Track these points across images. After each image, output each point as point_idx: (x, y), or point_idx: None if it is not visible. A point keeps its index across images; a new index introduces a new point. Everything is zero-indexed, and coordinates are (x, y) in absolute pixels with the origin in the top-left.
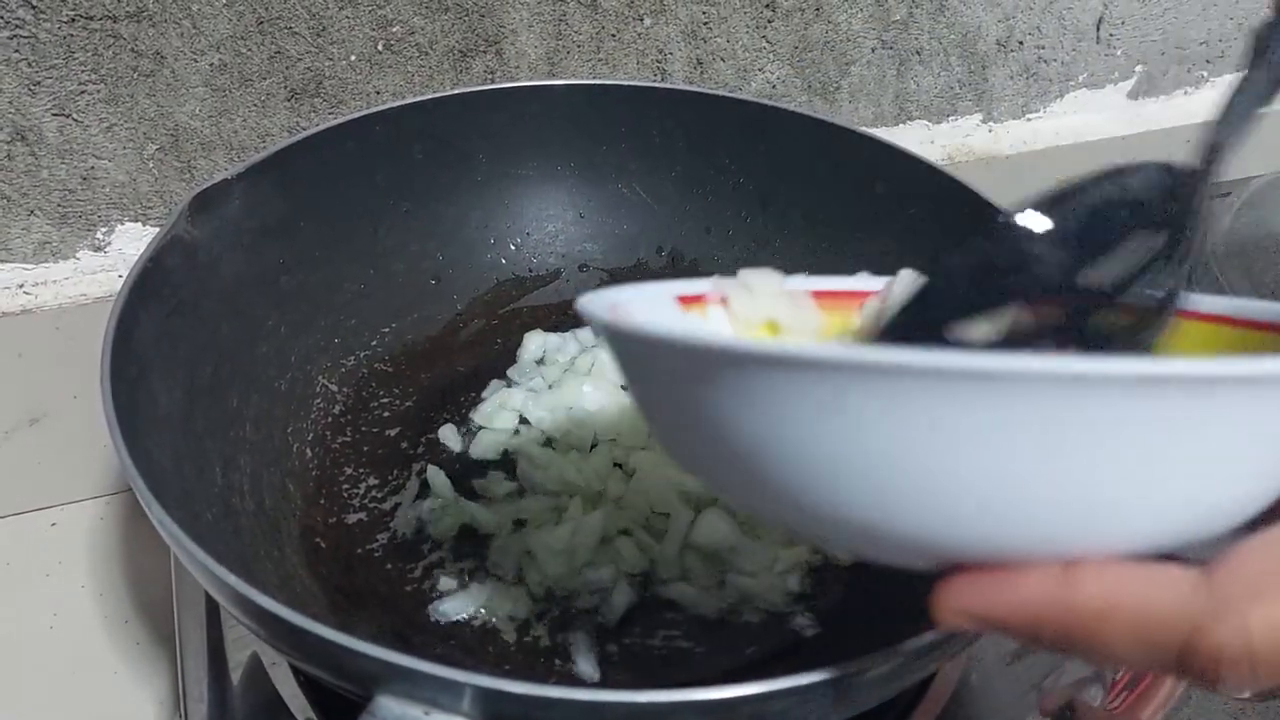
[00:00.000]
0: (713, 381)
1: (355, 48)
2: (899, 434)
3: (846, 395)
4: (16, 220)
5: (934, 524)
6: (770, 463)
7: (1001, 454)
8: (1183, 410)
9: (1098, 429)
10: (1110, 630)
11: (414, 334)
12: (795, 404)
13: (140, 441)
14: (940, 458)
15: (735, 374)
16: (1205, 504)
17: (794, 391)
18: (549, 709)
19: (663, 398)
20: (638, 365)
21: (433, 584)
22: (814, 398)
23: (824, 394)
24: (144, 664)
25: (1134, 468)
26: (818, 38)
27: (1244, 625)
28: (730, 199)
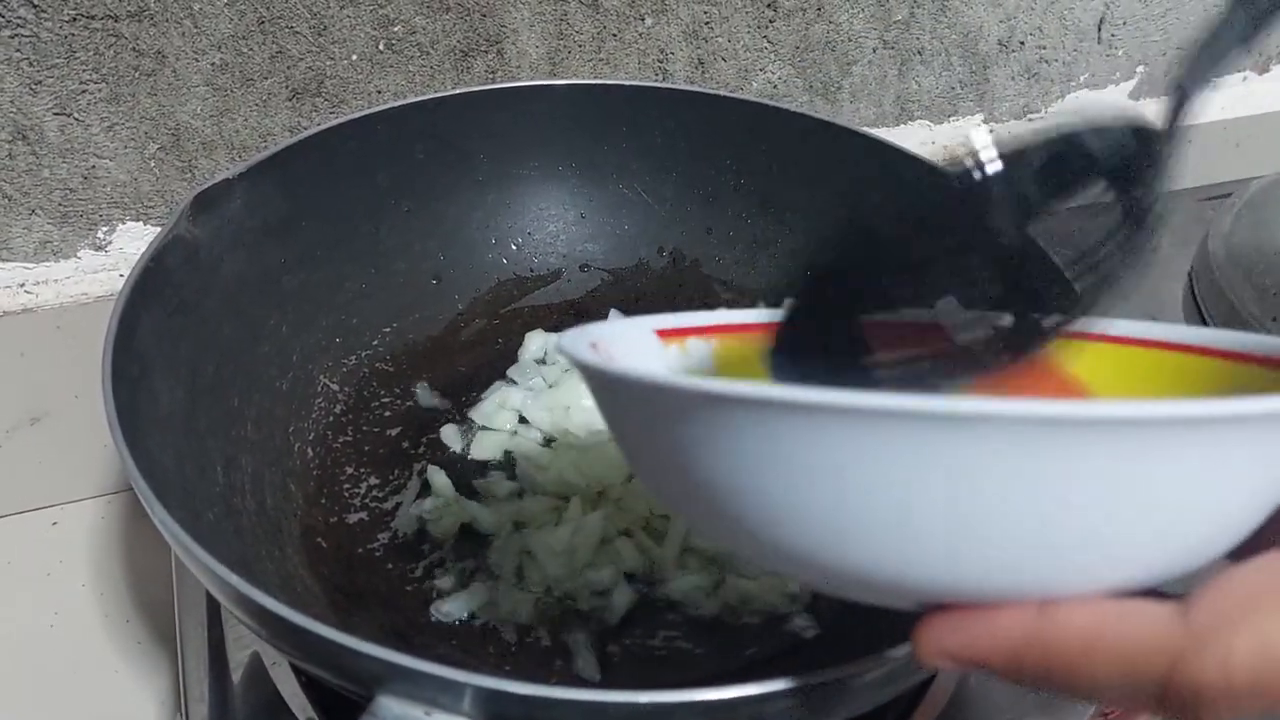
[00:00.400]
0: (682, 422)
1: (357, 47)
2: (859, 478)
3: (801, 434)
4: (18, 219)
5: (905, 566)
6: (743, 503)
7: (967, 497)
8: (1152, 451)
9: (1064, 471)
10: (1091, 665)
11: (415, 333)
12: (756, 445)
13: (141, 441)
14: (901, 499)
15: (700, 415)
16: (1177, 542)
17: (753, 432)
18: (550, 709)
19: (638, 436)
20: (614, 404)
21: (433, 584)
22: (772, 438)
23: (783, 434)
24: (145, 663)
25: (1104, 509)
26: (819, 38)
27: (1223, 656)
28: (731, 199)
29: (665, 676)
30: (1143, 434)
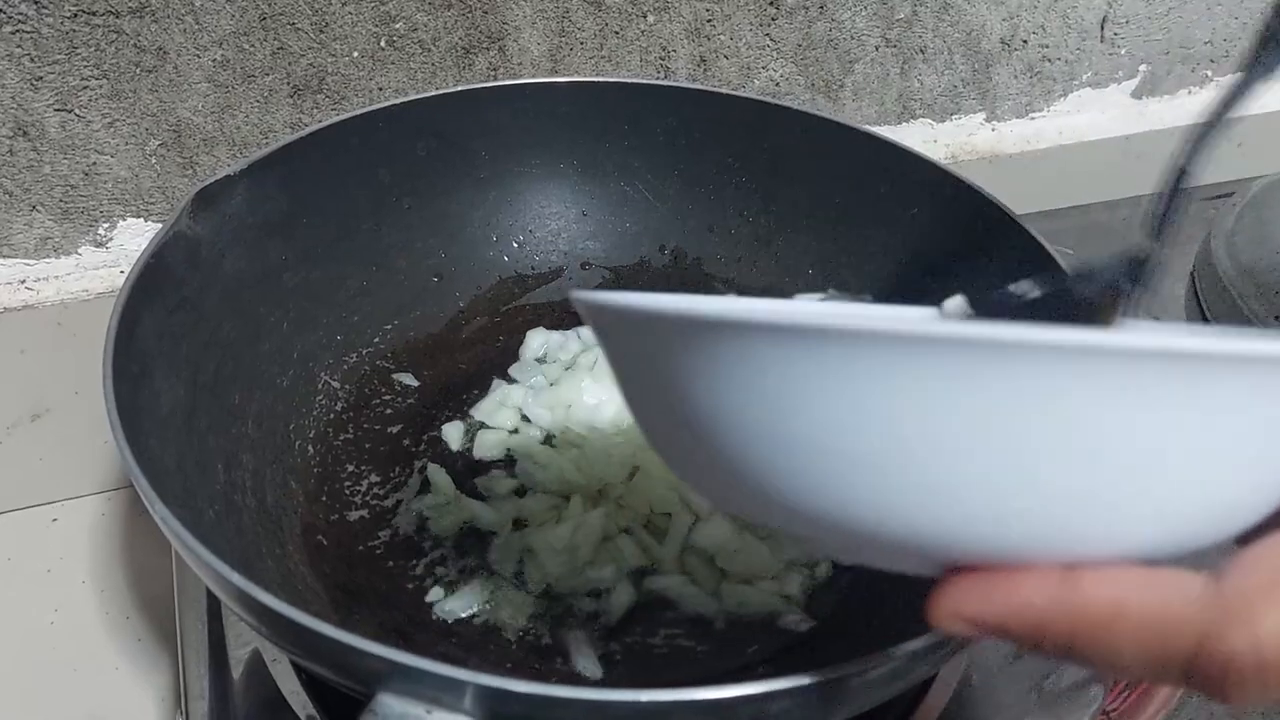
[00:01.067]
0: (687, 351)
1: (358, 44)
2: (889, 415)
3: (827, 367)
4: (19, 215)
5: (928, 520)
6: (750, 447)
7: (1002, 440)
8: (1193, 393)
9: (1101, 412)
10: (1116, 636)
11: (416, 331)
12: (777, 379)
13: (142, 438)
14: (934, 443)
15: (705, 344)
16: (1213, 502)
17: (774, 365)
18: (551, 708)
19: (649, 388)
20: (624, 352)
21: (434, 581)
22: (794, 371)
23: (806, 365)
24: (145, 660)
25: (1143, 459)
26: (821, 36)
27: (1255, 631)
28: (733, 197)
29: (666, 675)
30: (1190, 372)
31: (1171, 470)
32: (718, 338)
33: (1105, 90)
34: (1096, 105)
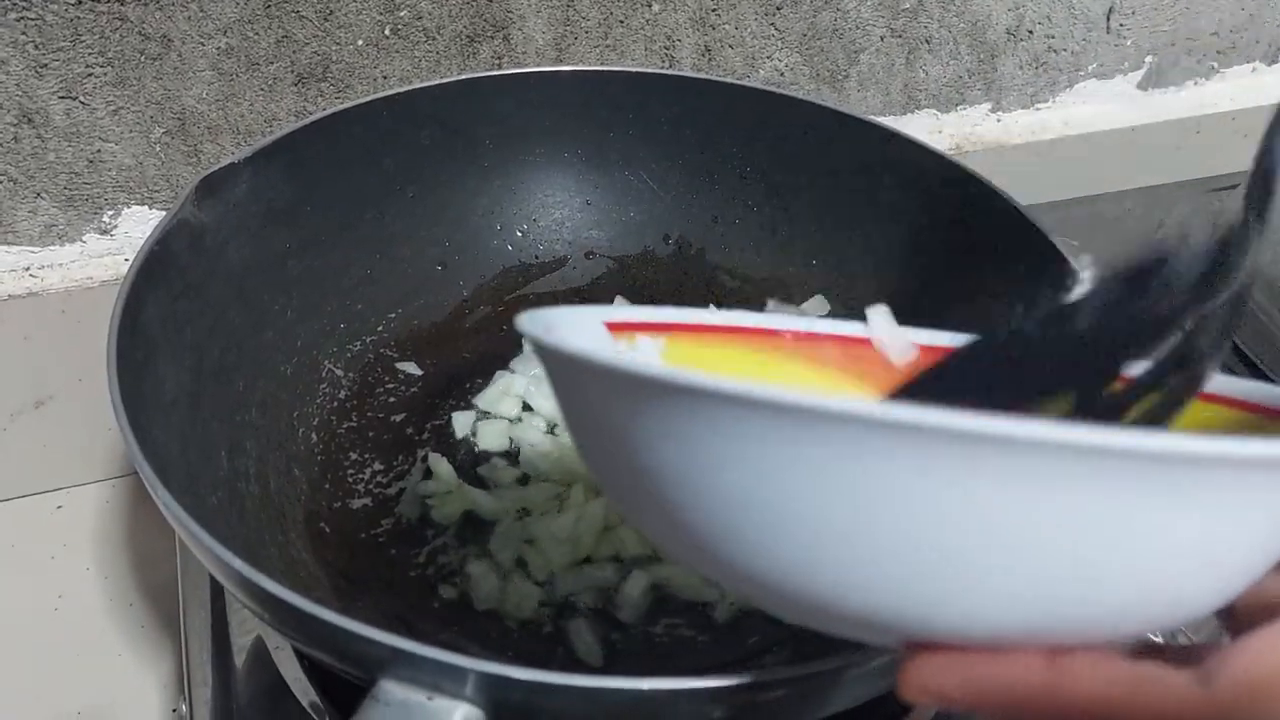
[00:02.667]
0: (627, 408)
1: (362, 32)
2: (847, 492)
3: (742, 433)
4: (23, 203)
5: (887, 593)
6: (694, 510)
7: (975, 527)
8: (1181, 489)
9: (1084, 502)
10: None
11: (420, 320)
12: (702, 440)
13: (146, 425)
14: (875, 528)
15: (645, 402)
16: (1191, 589)
17: (694, 426)
18: (552, 695)
19: (589, 423)
20: (567, 387)
21: (437, 569)
22: (719, 436)
23: (726, 432)
24: (148, 647)
25: (1135, 545)
26: (826, 25)
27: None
28: (737, 187)
29: (667, 664)
30: (1195, 469)
31: (1145, 561)
32: (649, 396)
33: (1111, 81)
34: (1102, 96)
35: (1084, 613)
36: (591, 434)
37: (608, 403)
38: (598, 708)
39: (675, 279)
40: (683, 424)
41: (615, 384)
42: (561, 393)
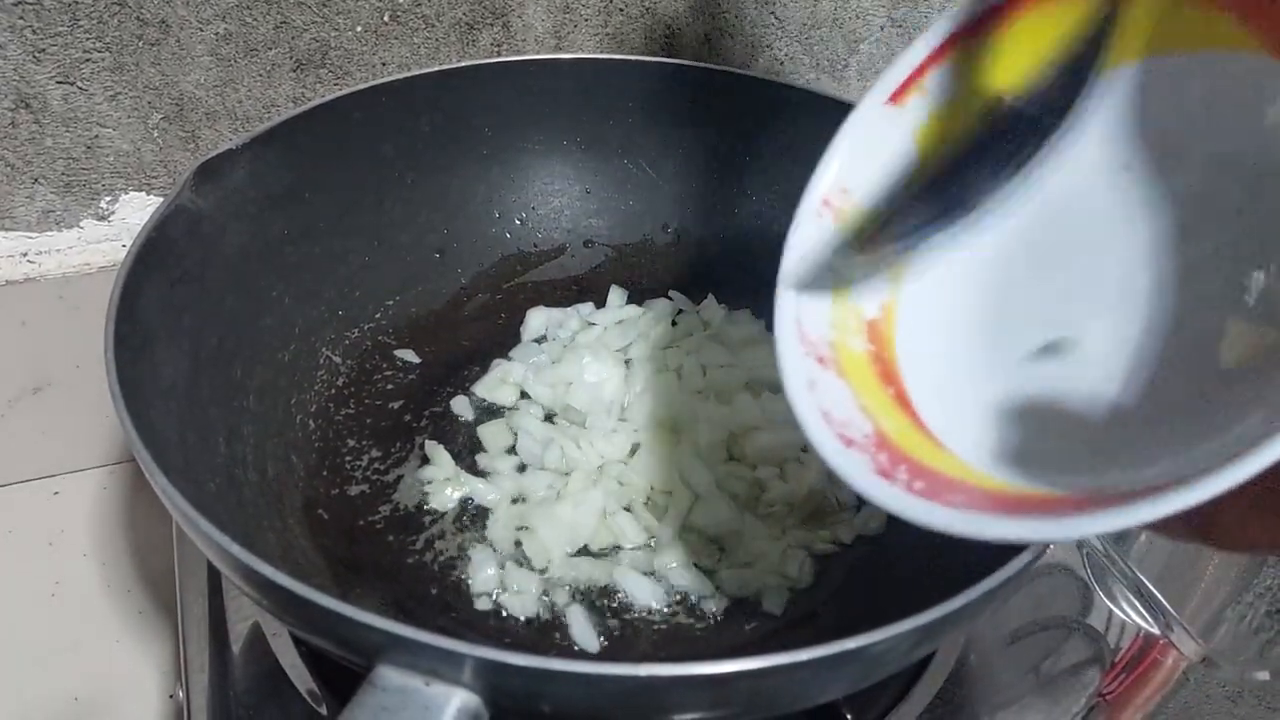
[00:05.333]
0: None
1: (361, 18)
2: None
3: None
4: (20, 188)
5: None
6: None
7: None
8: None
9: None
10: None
11: (418, 307)
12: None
13: (144, 411)
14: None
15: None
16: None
17: None
18: (549, 681)
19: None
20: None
21: (434, 556)
22: None
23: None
24: (146, 633)
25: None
26: (826, 14)
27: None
28: (737, 176)
29: (664, 651)
30: None
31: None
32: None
33: None
34: None
35: None
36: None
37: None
38: (594, 694)
39: (674, 267)
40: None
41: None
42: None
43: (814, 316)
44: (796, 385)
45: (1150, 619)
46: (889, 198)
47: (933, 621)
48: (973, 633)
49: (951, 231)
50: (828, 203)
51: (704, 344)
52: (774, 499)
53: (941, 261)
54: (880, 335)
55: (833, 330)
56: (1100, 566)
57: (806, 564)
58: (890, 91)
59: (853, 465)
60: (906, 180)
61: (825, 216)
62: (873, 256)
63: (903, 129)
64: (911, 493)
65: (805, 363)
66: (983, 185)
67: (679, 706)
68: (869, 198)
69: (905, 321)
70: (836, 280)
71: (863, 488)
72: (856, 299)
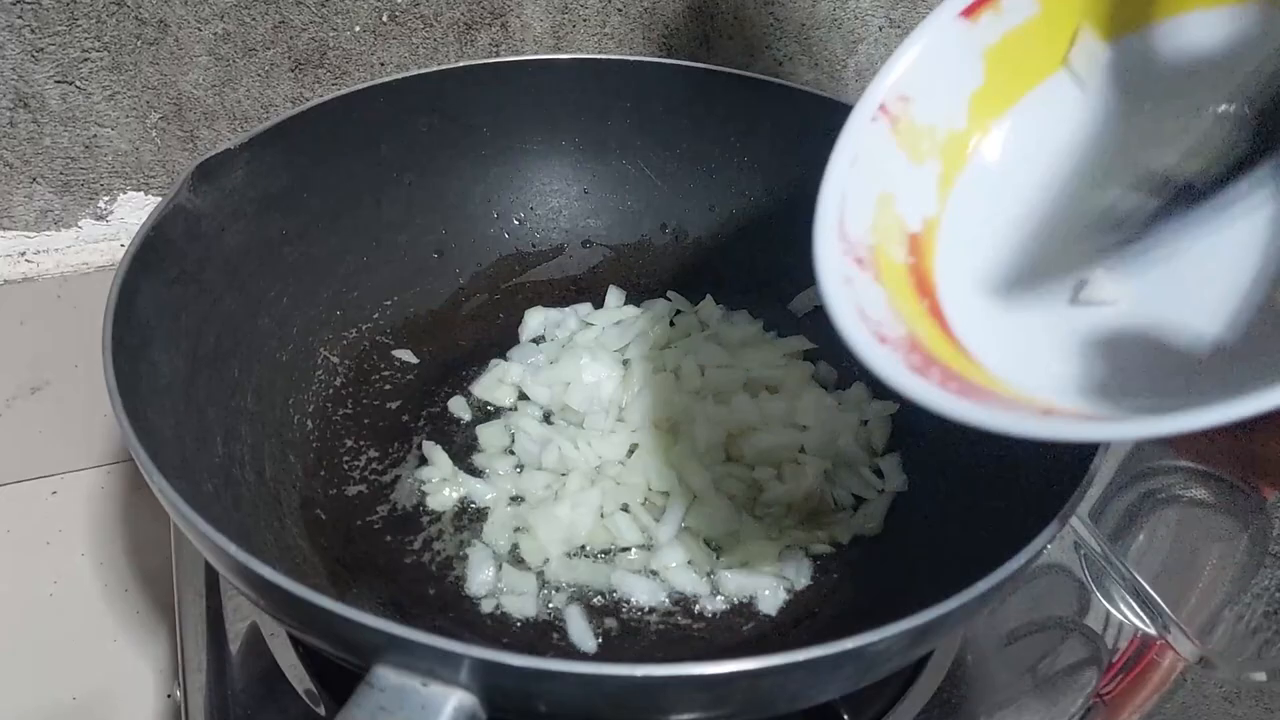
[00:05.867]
0: None
1: (360, 18)
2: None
3: None
4: (19, 188)
5: None
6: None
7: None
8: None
9: None
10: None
11: (416, 307)
12: None
13: (141, 411)
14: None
15: None
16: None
17: None
18: (546, 681)
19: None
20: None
21: (432, 556)
22: None
23: None
24: (143, 633)
25: None
26: (825, 15)
27: None
28: (735, 176)
29: (661, 651)
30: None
31: None
32: None
33: None
34: None
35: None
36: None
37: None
38: (592, 694)
39: (672, 268)
40: None
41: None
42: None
43: (856, 218)
44: (833, 280)
45: (1147, 620)
46: (949, 113)
47: (929, 622)
48: (970, 633)
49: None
50: (884, 108)
51: (702, 344)
52: (771, 500)
53: (994, 184)
54: (921, 249)
55: (874, 235)
56: (1098, 567)
57: (804, 564)
58: (965, 4)
59: (886, 359)
60: (970, 97)
61: (880, 121)
62: (922, 170)
63: (973, 45)
64: (945, 389)
65: (843, 260)
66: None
67: (676, 707)
68: (928, 110)
69: (948, 239)
70: (883, 188)
71: (896, 380)
72: (901, 209)
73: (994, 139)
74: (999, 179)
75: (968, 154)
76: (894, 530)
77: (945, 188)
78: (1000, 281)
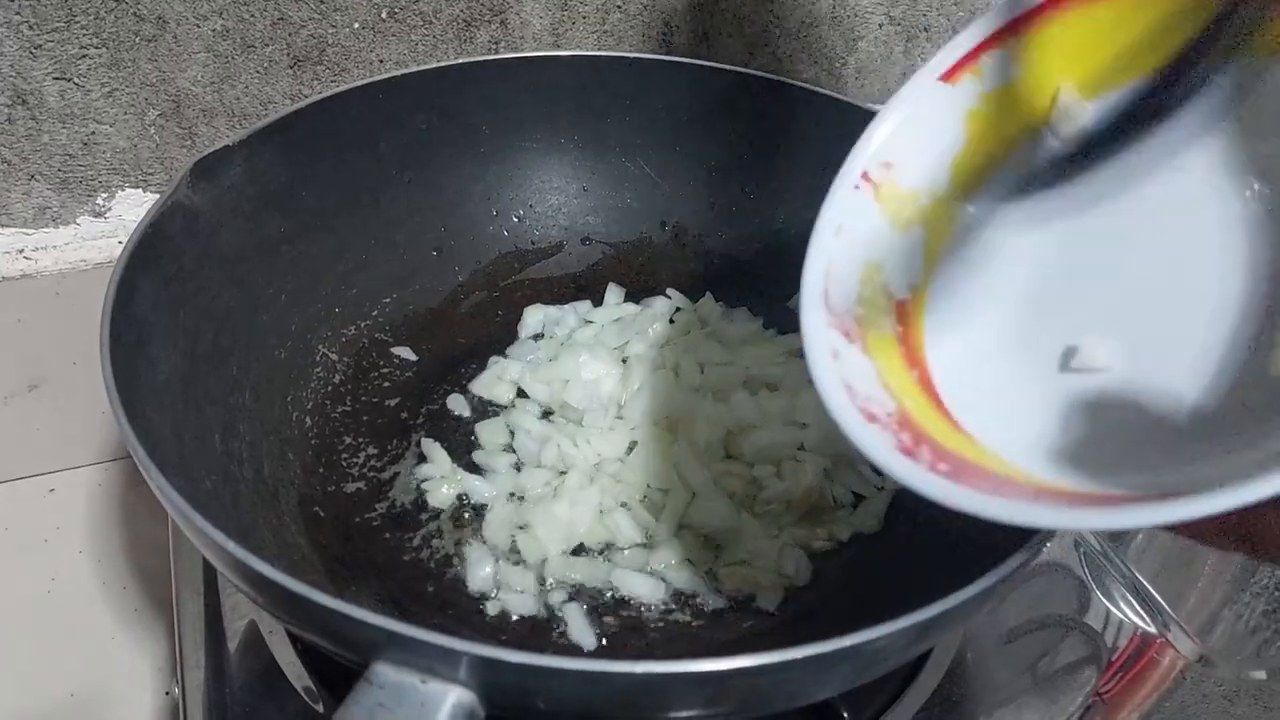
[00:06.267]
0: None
1: (359, 15)
2: None
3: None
4: (17, 185)
5: None
6: None
7: None
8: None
9: None
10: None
11: (415, 304)
12: None
13: (139, 408)
14: None
15: None
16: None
17: None
18: (545, 678)
19: None
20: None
21: (431, 554)
22: None
23: None
24: (142, 630)
25: None
26: (825, 13)
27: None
28: (734, 174)
29: (660, 648)
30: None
31: None
32: None
33: None
34: None
35: None
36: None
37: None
38: (591, 691)
39: (672, 265)
40: None
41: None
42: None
43: (843, 290)
44: (820, 354)
45: (1147, 618)
46: (931, 177)
47: (929, 619)
48: (969, 631)
49: (1003, 218)
50: (867, 176)
51: (701, 342)
52: (771, 497)
53: (980, 250)
54: (908, 318)
55: (860, 306)
56: (1098, 565)
57: (803, 562)
58: (944, 69)
59: (875, 440)
60: (951, 162)
61: (864, 189)
62: (907, 237)
63: (953, 108)
64: (935, 473)
65: (830, 333)
66: (1043, 178)
67: (675, 704)
68: (910, 175)
69: (936, 307)
70: (868, 257)
71: (885, 464)
72: (887, 278)
73: (977, 202)
74: (984, 244)
75: (952, 220)
76: (894, 528)
77: (930, 254)
78: (988, 349)
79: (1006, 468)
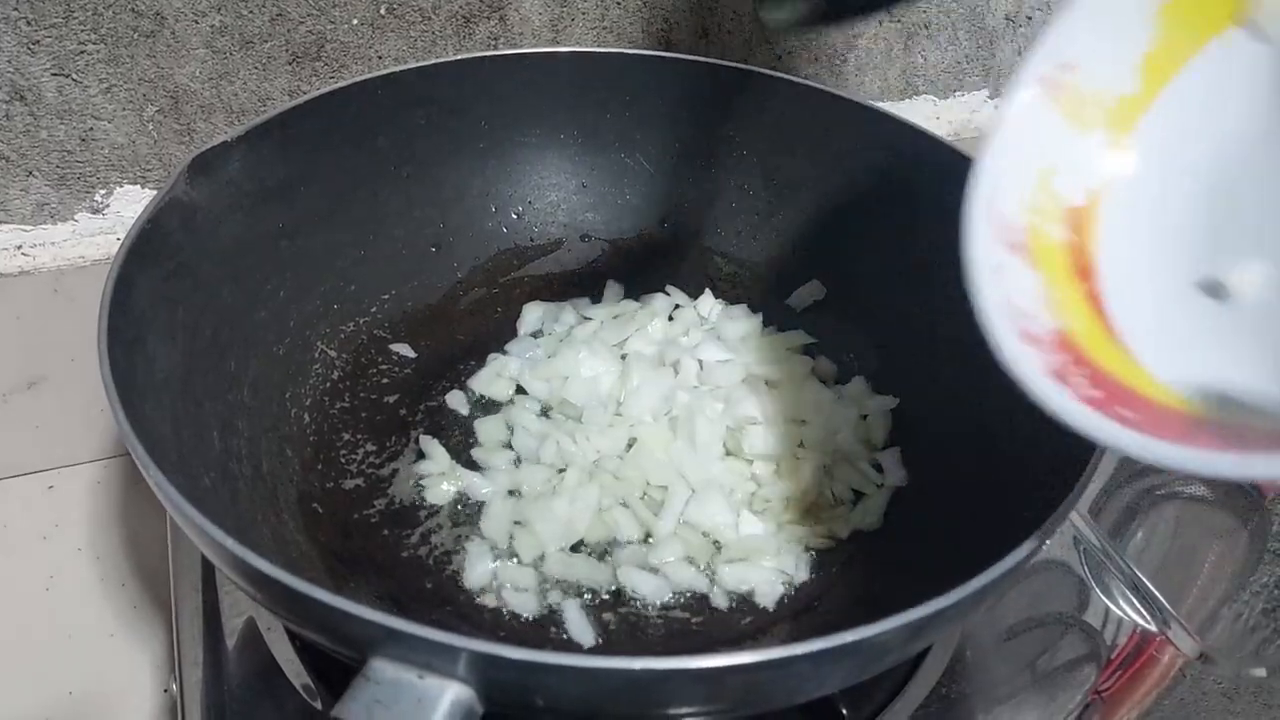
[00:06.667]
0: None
1: (358, 11)
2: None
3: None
4: (15, 181)
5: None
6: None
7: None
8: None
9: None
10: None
11: (414, 301)
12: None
13: (138, 405)
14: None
15: None
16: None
17: None
18: (544, 674)
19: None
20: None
21: (429, 550)
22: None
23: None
24: (140, 627)
25: None
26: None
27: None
28: (734, 170)
29: (660, 645)
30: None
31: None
32: None
33: None
34: None
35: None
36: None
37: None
38: (589, 688)
39: (671, 262)
40: None
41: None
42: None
43: (1011, 196)
44: (982, 269)
45: (1147, 616)
46: (1117, 77)
47: (928, 616)
48: (969, 628)
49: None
50: (1046, 77)
51: (701, 339)
52: (770, 494)
53: (1174, 152)
54: (1082, 225)
55: (1029, 214)
56: (1097, 563)
57: (803, 559)
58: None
59: (1026, 362)
60: (1140, 65)
61: (1041, 92)
62: (1087, 140)
63: (1145, 5)
64: (1080, 400)
65: (993, 246)
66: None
67: (674, 700)
68: (1094, 76)
69: (1113, 213)
70: (1043, 162)
71: (1030, 386)
72: (1061, 183)
73: (1165, 105)
74: (1168, 148)
75: (1136, 123)
76: (893, 525)
77: (1110, 157)
78: (1166, 264)
79: (1163, 393)
